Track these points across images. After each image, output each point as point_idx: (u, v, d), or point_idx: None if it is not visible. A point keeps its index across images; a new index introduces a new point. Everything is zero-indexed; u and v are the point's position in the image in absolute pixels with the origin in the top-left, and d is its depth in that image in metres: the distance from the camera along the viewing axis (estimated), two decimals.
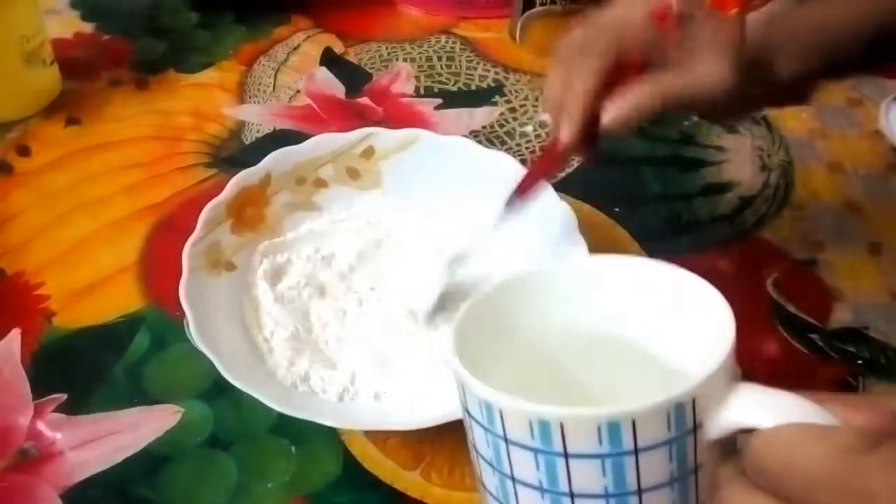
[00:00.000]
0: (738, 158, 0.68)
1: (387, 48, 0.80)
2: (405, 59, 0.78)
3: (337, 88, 0.75)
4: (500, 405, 0.30)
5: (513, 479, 0.31)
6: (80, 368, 0.53)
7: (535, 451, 0.30)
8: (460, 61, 0.78)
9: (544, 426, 0.29)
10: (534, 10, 0.77)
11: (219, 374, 0.46)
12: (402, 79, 0.76)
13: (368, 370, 0.50)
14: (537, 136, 0.70)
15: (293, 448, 0.49)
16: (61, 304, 0.56)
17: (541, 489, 0.30)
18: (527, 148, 0.69)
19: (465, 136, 0.62)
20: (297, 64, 0.77)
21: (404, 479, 0.48)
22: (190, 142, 0.69)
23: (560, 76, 0.46)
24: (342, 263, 0.56)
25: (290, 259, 0.56)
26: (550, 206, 0.54)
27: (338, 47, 0.80)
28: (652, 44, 0.44)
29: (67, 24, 0.81)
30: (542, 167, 0.51)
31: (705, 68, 0.43)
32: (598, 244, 0.53)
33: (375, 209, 0.59)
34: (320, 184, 0.59)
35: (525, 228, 0.52)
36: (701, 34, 0.44)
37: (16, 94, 0.69)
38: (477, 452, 0.32)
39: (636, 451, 0.29)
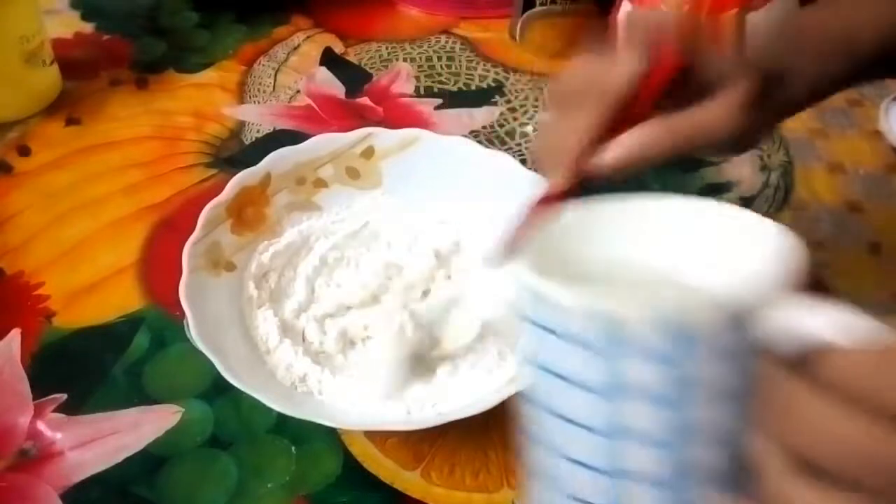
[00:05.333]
0: (738, 158, 0.68)
1: (387, 48, 0.80)
2: (405, 59, 0.78)
3: (337, 88, 0.75)
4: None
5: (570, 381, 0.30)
6: (80, 368, 0.53)
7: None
8: (460, 61, 0.78)
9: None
10: (534, 10, 0.77)
11: (219, 374, 0.46)
12: (402, 79, 0.76)
13: (370, 370, 0.50)
14: (537, 136, 0.70)
15: (293, 448, 0.49)
16: (61, 304, 0.56)
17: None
18: (527, 148, 0.69)
19: (465, 136, 0.62)
20: (297, 64, 0.77)
21: (404, 479, 0.48)
22: (190, 142, 0.69)
23: (554, 124, 0.44)
24: (341, 263, 0.56)
25: (290, 260, 0.56)
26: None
27: (338, 47, 0.80)
28: (687, 43, 0.41)
29: (67, 24, 0.81)
30: (534, 218, 0.46)
31: (716, 106, 0.41)
32: None
33: (375, 209, 0.59)
34: (320, 184, 0.59)
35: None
36: (705, 75, 0.42)
37: (16, 94, 0.69)
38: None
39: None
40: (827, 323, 0.28)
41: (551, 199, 0.44)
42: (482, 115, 0.72)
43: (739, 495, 0.30)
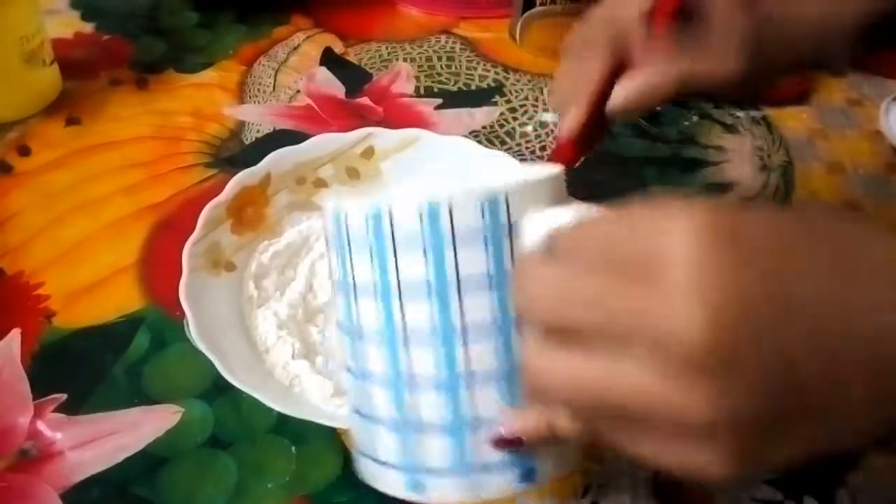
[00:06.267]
0: (738, 158, 0.68)
1: (387, 48, 0.80)
2: (405, 59, 0.78)
3: (337, 88, 0.75)
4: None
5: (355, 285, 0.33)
6: (80, 368, 0.53)
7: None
8: (460, 61, 0.78)
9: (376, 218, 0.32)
10: (534, 10, 0.77)
11: (219, 374, 0.46)
12: (402, 79, 0.76)
13: None
14: (537, 136, 0.70)
15: (293, 448, 0.49)
16: (61, 304, 0.56)
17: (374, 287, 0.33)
18: (527, 148, 0.69)
19: (465, 136, 0.62)
20: (297, 64, 0.77)
21: None
22: (190, 142, 0.69)
23: (566, 70, 0.47)
24: None
25: (290, 260, 0.56)
26: None
27: (338, 47, 0.80)
28: (650, 39, 0.45)
29: (67, 24, 0.81)
30: (556, 162, 0.51)
31: (718, 59, 0.44)
32: None
33: None
34: (320, 184, 0.59)
35: None
36: (708, 26, 0.44)
37: (16, 94, 0.69)
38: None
39: (454, 240, 0.31)
40: (565, 212, 0.31)
41: (570, 140, 0.47)
42: (482, 115, 0.72)
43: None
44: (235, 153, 0.68)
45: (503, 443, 0.32)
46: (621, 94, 0.45)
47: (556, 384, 0.29)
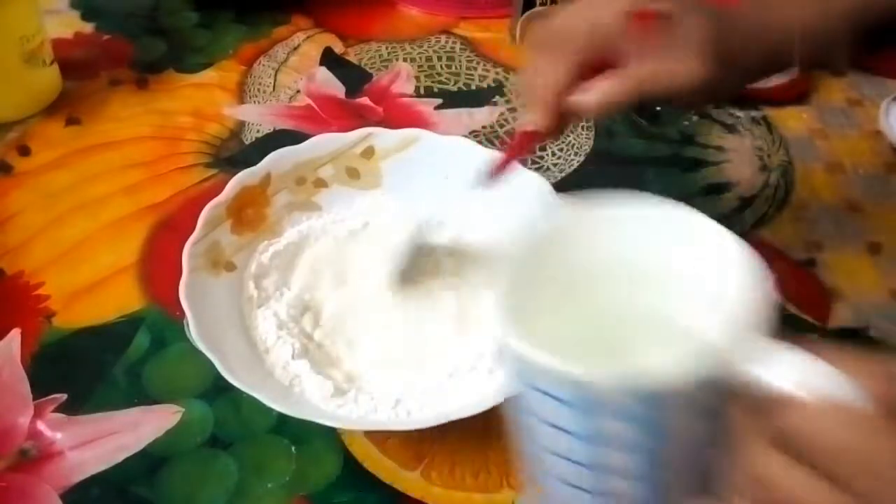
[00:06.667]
0: (738, 158, 0.68)
1: (387, 48, 0.80)
2: (405, 59, 0.78)
3: (337, 88, 0.75)
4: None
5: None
6: (80, 368, 0.53)
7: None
8: (460, 61, 0.78)
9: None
10: (534, 10, 0.77)
11: (219, 374, 0.46)
12: (402, 79, 0.76)
13: (369, 370, 0.50)
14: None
15: (293, 448, 0.49)
16: (61, 304, 0.56)
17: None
18: None
19: (465, 136, 0.62)
20: (297, 64, 0.77)
21: (404, 479, 0.48)
22: (190, 142, 0.69)
23: (535, 65, 0.47)
24: (340, 263, 0.56)
25: (290, 260, 0.56)
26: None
27: (338, 47, 0.80)
28: (624, 43, 0.45)
29: (67, 24, 0.81)
30: (513, 150, 0.52)
31: (680, 61, 0.45)
32: None
33: (375, 209, 0.59)
34: (320, 184, 0.59)
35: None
36: (676, 31, 0.45)
37: (16, 94, 0.69)
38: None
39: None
40: (789, 372, 0.29)
41: (531, 135, 0.48)
42: (482, 115, 0.72)
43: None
44: (235, 153, 0.68)
45: None
46: (582, 99, 0.46)
47: None
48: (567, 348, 0.31)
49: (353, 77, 0.76)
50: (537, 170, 0.62)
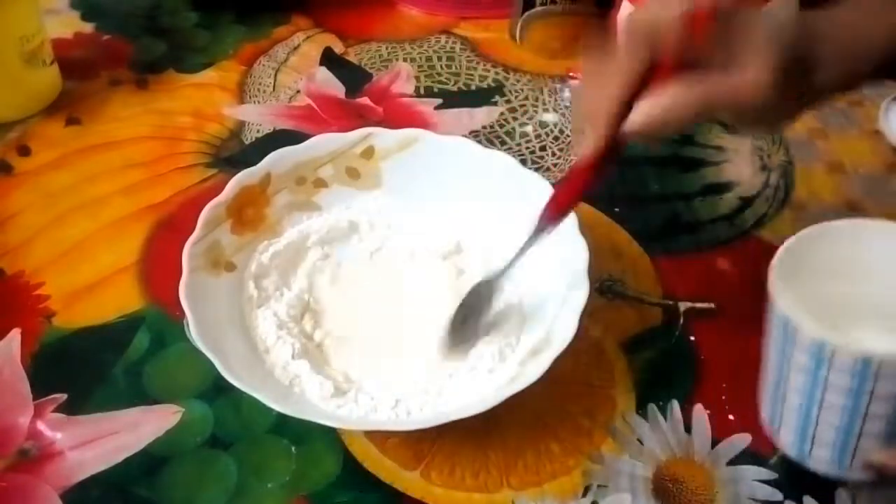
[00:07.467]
0: (738, 158, 0.68)
1: (387, 48, 0.80)
2: (405, 59, 0.78)
3: (337, 88, 0.75)
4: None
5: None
6: (80, 368, 0.53)
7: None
8: (460, 61, 0.78)
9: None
10: (534, 10, 0.77)
11: (219, 374, 0.46)
12: (402, 79, 0.76)
13: (369, 371, 0.50)
14: (537, 136, 0.70)
15: (293, 448, 0.49)
16: (61, 304, 0.56)
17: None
18: (527, 148, 0.69)
19: (465, 136, 0.62)
20: (297, 64, 0.77)
21: (404, 479, 0.48)
22: (190, 142, 0.69)
23: (589, 86, 0.44)
24: (340, 263, 0.56)
25: (290, 260, 0.56)
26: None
27: (338, 47, 0.80)
28: (686, 45, 0.41)
29: (67, 24, 0.81)
30: (571, 187, 0.47)
31: (748, 72, 0.40)
32: (598, 244, 0.53)
33: (375, 209, 0.59)
34: (320, 184, 0.59)
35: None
36: (741, 35, 0.41)
37: (16, 94, 0.69)
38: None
39: None
40: None
41: (590, 164, 0.45)
42: (482, 115, 0.72)
43: None
44: (235, 153, 0.68)
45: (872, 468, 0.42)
46: (635, 120, 0.42)
47: None
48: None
49: (353, 77, 0.76)
50: (537, 170, 0.62)
